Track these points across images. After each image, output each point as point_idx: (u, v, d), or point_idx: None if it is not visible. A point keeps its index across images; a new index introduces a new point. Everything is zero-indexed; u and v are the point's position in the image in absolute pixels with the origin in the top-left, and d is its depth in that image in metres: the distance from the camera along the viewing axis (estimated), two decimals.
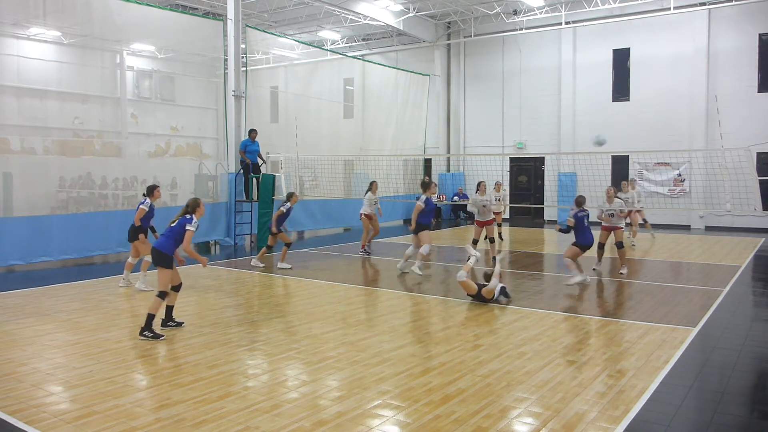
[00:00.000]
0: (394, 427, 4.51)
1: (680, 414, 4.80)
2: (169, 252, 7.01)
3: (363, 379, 5.53)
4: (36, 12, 13.23)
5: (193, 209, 7.09)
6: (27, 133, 13.98)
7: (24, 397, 5.07)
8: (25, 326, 7.41)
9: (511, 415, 4.72)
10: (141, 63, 20.14)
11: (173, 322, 7.38)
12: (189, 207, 7.12)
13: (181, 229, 6.99)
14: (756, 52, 19.25)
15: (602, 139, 16.22)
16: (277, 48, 22.89)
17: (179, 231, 7.00)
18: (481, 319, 7.87)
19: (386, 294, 9.64)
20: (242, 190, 15.63)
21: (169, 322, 7.34)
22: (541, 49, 22.96)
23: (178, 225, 7.03)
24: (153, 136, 17.60)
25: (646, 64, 20.93)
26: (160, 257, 7.01)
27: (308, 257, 13.58)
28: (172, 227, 7.07)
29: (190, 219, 7.02)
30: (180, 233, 6.99)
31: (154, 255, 7.09)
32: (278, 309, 8.65)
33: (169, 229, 7.09)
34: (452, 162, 25.70)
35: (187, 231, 6.95)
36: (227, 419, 4.59)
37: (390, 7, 21.36)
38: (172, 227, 7.06)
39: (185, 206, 7.16)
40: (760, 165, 17.01)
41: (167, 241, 7.02)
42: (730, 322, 7.87)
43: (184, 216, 7.06)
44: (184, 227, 6.97)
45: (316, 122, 19.57)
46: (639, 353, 6.31)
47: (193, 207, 7.11)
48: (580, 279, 9.88)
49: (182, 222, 7.02)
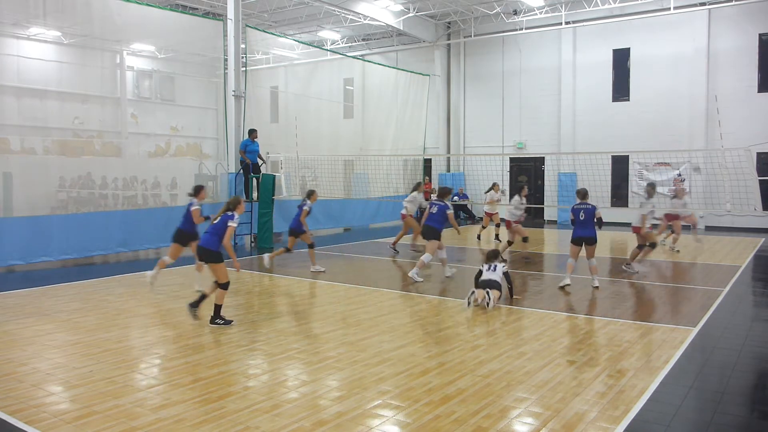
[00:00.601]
0: (394, 427, 4.51)
1: (680, 414, 4.80)
2: (214, 248, 7.29)
3: (363, 379, 5.53)
4: (36, 12, 13.23)
5: (235, 206, 7.46)
6: (27, 133, 13.99)
7: (24, 397, 5.07)
8: (25, 326, 7.41)
9: (511, 415, 4.72)
10: (141, 63, 20.17)
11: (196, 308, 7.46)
12: (230, 204, 7.49)
13: (224, 225, 7.32)
14: (756, 52, 19.25)
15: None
16: (277, 48, 22.90)
17: (222, 227, 7.32)
18: (481, 319, 7.87)
19: (386, 294, 9.64)
20: (242, 190, 15.62)
21: (218, 320, 7.38)
22: (541, 49, 22.95)
23: (220, 221, 7.38)
24: (153, 136, 17.62)
25: (646, 64, 20.93)
26: (207, 254, 7.31)
27: (308, 257, 13.55)
28: (215, 224, 7.41)
29: (231, 216, 7.37)
30: (223, 229, 7.31)
31: (201, 253, 7.40)
32: (278, 309, 8.65)
33: (212, 226, 7.43)
34: (452, 162, 25.70)
35: (229, 227, 7.29)
36: (227, 419, 4.58)
37: (390, 7, 21.36)
38: (215, 224, 7.41)
39: (226, 203, 7.54)
40: (760, 165, 17.02)
41: (212, 238, 7.34)
42: (730, 322, 7.87)
43: (226, 213, 7.42)
44: (227, 223, 7.32)
45: (316, 122, 19.58)
46: (639, 353, 6.31)
47: (234, 204, 7.49)
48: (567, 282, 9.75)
49: (224, 218, 7.38)
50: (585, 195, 9.96)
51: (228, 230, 7.27)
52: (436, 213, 10.65)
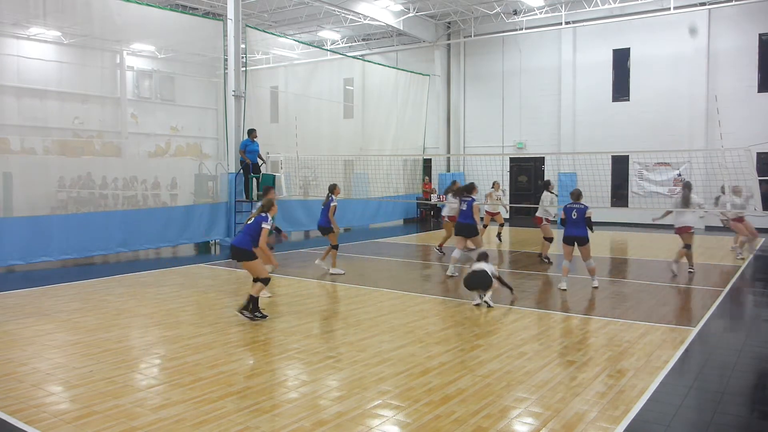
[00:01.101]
0: (394, 427, 4.51)
1: (680, 414, 4.80)
2: (247, 247, 7.52)
3: (363, 379, 5.53)
4: (36, 12, 13.23)
5: (268, 209, 7.71)
6: (27, 133, 13.98)
7: (24, 397, 5.07)
8: (25, 326, 7.41)
9: (511, 415, 4.72)
10: (141, 63, 20.17)
11: (247, 310, 7.71)
12: (264, 207, 7.74)
13: (257, 227, 7.52)
14: (756, 52, 19.25)
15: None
16: (277, 48, 22.91)
17: (255, 228, 7.53)
18: (481, 319, 7.87)
19: (386, 294, 9.64)
20: (242, 190, 15.62)
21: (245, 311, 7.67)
22: (541, 49, 22.96)
23: (254, 223, 7.58)
24: (153, 136, 17.61)
25: (646, 64, 20.93)
26: (240, 253, 7.55)
27: (308, 257, 13.57)
28: (248, 224, 7.64)
29: (265, 217, 7.60)
30: (256, 230, 7.51)
31: (234, 252, 7.64)
32: (278, 309, 8.64)
33: (246, 226, 7.67)
34: (452, 162, 25.70)
35: (263, 229, 7.50)
36: (227, 419, 4.58)
37: (390, 7, 21.37)
38: (249, 224, 7.63)
39: (260, 206, 7.78)
40: (760, 165, 17.01)
41: (244, 238, 7.56)
42: (730, 322, 7.87)
43: (260, 215, 7.63)
44: (260, 225, 7.52)
45: (316, 122, 19.58)
46: (639, 353, 6.31)
47: (267, 207, 7.74)
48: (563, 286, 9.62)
49: (258, 220, 7.58)
50: (579, 196, 9.85)
51: (262, 232, 7.46)
52: (466, 209, 11.10)
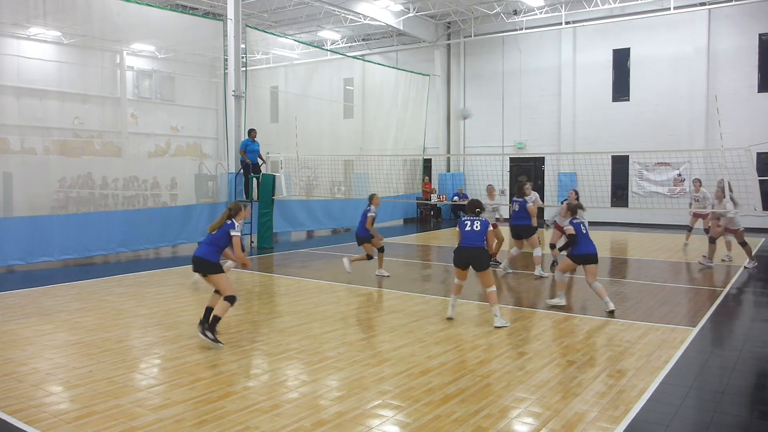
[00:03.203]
0: (394, 427, 4.51)
1: (680, 414, 4.80)
2: (211, 258, 6.64)
3: (363, 379, 5.53)
4: (36, 12, 13.22)
5: (235, 213, 6.79)
6: (27, 133, 13.98)
7: (24, 397, 5.07)
8: (25, 326, 7.41)
9: (511, 415, 4.72)
10: (141, 63, 20.18)
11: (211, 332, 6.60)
12: (231, 211, 6.81)
13: (224, 236, 6.68)
14: (756, 52, 19.25)
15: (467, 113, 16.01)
16: (277, 48, 22.92)
17: (221, 237, 6.68)
18: (480, 318, 7.87)
19: (386, 294, 9.64)
20: (242, 190, 15.63)
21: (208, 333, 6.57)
22: (541, 49, 22.95)
23: (220, 232, 6.70)
24: (153, 136, 17.60)
25: (646, 64, 20.93)
26: (205, 265, 6.64)
27: (308, 257, 13.58)
28: (213, 235, 6.73)
29: (231, 224, 6.70)
30: (222, 239, 6.68)
31: (197, 264, 6.70)
32: (278, 309, 8.65)
33: (211, 236, 6.75)
34: (452, 162, 25.70)
35: (233, 237, 6.65)
36: (227, 419, 4.58)
37: (390, 7, 21.37)
38: (214, 235, 6.72)
39: (226, 210, 6.85)
40: (760, 165, 17.02)
41: (208, 248, 6.68)
42: (730, 322, 7.87)
43: (226, 222, 6.72)
44: (228, 233, 6.67)
45: (316, 122, 19.58)
46: (639, 353, 6.31)
47: (235, 211, 6.81)
48: (561, 303, 8.50)
49: (225, 229, 6.70)
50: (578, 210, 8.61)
51: (234, 241, 6.63)
52: (519, 210, 11.07)
